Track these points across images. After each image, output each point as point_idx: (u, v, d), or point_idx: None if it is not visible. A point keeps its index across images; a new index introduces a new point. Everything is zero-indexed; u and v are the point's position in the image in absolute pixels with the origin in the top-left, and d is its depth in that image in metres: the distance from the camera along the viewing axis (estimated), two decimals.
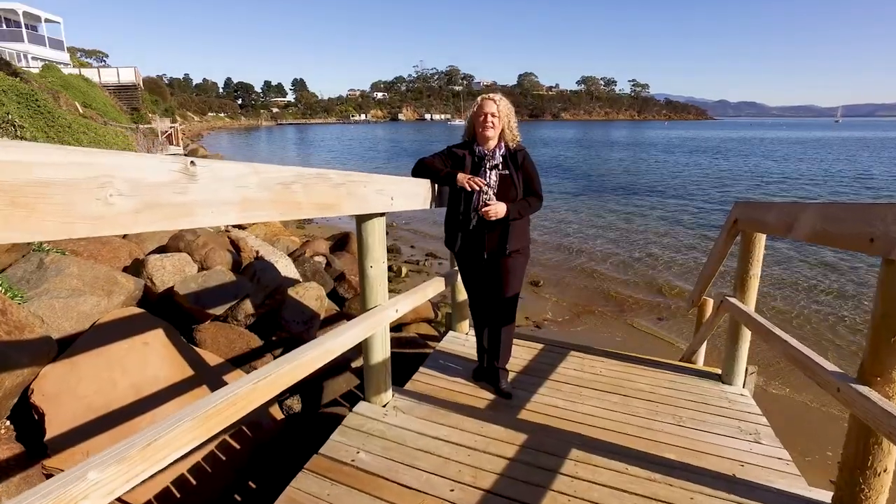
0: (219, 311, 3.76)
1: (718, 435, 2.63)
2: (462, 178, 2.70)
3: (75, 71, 29.59)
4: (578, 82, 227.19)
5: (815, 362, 1.80)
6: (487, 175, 2.76)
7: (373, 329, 2.31)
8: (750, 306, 3.02)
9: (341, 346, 2.01)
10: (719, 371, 3.38)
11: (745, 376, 3.21)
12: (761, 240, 2.93)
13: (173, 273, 3.83)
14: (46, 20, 38.39)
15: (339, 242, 9.41)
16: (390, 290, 7.88)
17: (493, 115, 2.75)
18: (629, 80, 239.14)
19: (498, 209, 2.67)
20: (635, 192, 18.23)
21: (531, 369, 3.41)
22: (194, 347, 3.53)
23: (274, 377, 1.48)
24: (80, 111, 18.74)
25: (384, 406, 2.62)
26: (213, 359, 3.55)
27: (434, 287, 3.04)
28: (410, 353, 4.55)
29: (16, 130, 5.65)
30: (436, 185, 2.88)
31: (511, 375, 3.28)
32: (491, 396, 3.03)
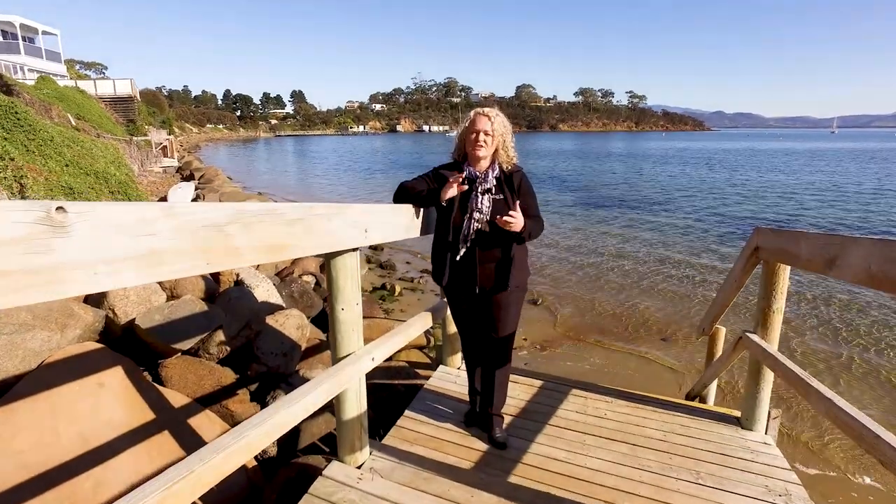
0: (186, 345, 3.43)
1: (744, 497, 2.30)
2: (446, 187, 2.41)
3: (71, 83, 29.38)
4: (576, 94, 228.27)
5: (876, 435, 1.48)
6: (479, 200, 2.44)
7: (345, 384, 1.98)
8: (773, 345, 2.70)
9: (299, 413, 1.68)
10: (737, 413, 3.05)
11: (768, 421, 2.88)
12: (786, 271, 2.62)
13: (138, 303, 3.50)
14: (44, 32, 38.32)
15: None
16: (384, 309, 7.49)
17: (486, 134, 2.43)
18: (626, 92, 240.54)
19: (518, 220, 2.31)
20: (635, 204, 17.94)
21: (528, 412, 3.07)
22: (158, 387, 3.19)
23: (196, 475, 1.15)
24: (73, 123, 18.47)
25: (359, 467, 2.26)
26: (178, 399, 3.20)
27: (419, 325, 2.71)
28: (399, 384, 4.23)
29: None
30: (421, 210, 2.57)
31: (506, 419, 2.95)
32: (484, 447, 2.69)
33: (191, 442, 3.03)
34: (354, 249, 1.97)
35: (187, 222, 1.12)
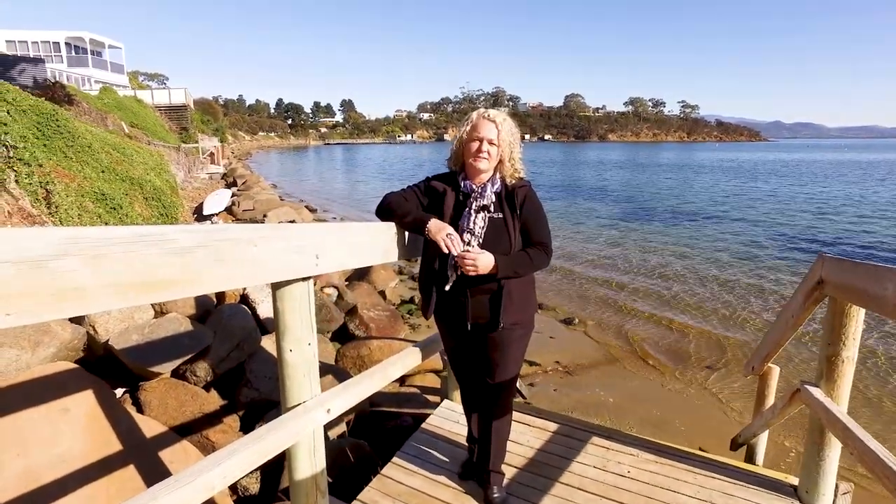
0: (166, 368, 3.16)
1: None
2: (435, 228, 2.00)
3: (131, 93, 30.84)
4: (626, 103, 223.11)
5: None
6: (472, 219, 2.04)
7: (291, 440, 1.62)
8: (842, 405, 2.16)
9: (215, 483, 1.32)
10: (795, 481, 2.50)
11: (836, 497, 2.32)
12: (860, 312, 2.09)
13: (121, 320, 3.28)
14: (110, 46, 40.52)
15: (358, 270, 8.76)
16: (410, 325, 7.05)
17: (490, 143, 2.02)
18: (678, 102, 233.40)
19: (479, 261, 1.94)
20: (681, 218, 16.97)
21: (536, 464, 2.62)
22: (132, 413, 2.94)
23: None
24: (127, 130, 19.24)
25: None
26: (152, 427, 2.93)
27: (403, 364, 2.32)
28: (407, 414, 3.86)
29: (8, 151, 5.36)
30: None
31: (510, 472, 2.52)
32: None
33: (158, 478, 2.75)
34: (306, 279, 1.61)
35: None
